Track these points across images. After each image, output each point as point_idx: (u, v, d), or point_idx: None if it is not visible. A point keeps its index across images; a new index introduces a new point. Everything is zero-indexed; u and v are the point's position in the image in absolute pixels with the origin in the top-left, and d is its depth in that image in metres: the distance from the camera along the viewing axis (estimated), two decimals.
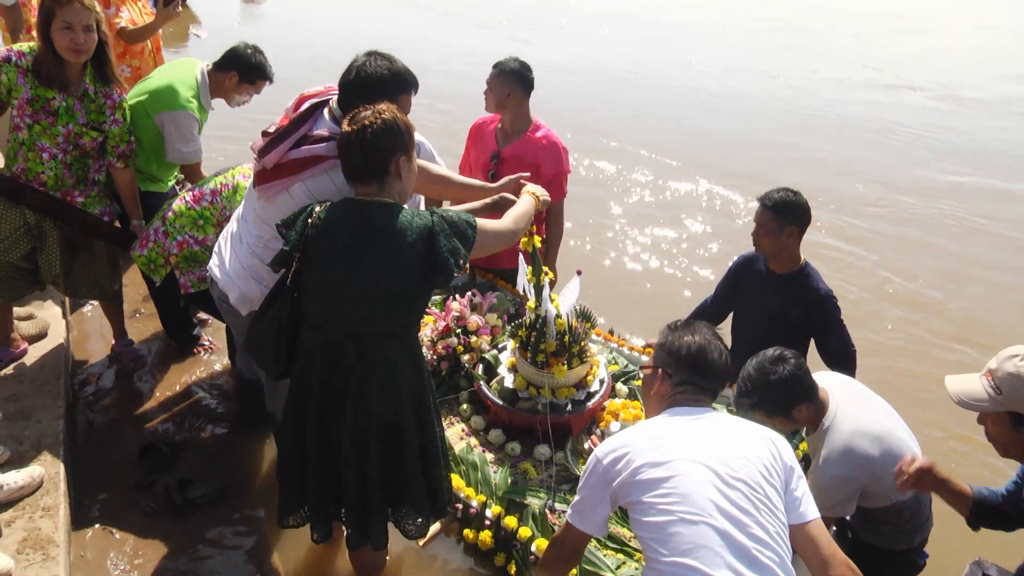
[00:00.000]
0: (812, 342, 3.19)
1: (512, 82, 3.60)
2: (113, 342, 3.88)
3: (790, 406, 2.41)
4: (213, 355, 3.97)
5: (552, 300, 3.01)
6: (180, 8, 4.40)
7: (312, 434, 2.33)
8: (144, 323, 4.20)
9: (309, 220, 2.21)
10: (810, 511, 1.88)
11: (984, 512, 2.27)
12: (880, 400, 2.58)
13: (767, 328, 3.13)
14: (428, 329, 3.46)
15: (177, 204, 3.29)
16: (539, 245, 2.97)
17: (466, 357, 3.38)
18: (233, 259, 2.69)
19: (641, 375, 2.20)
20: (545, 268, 3.03)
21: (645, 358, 3.53)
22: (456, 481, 2.85)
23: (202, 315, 4.10)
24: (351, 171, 2.22)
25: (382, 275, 2.16)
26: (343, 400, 2.25)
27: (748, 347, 2.83)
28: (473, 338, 3.43)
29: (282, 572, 2.80)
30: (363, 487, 2.33)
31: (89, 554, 2.79)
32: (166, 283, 3.43)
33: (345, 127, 2.19)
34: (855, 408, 2.45)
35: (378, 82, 2.42)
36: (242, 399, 3.54)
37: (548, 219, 3.88)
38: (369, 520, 2.38)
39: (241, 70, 3.56)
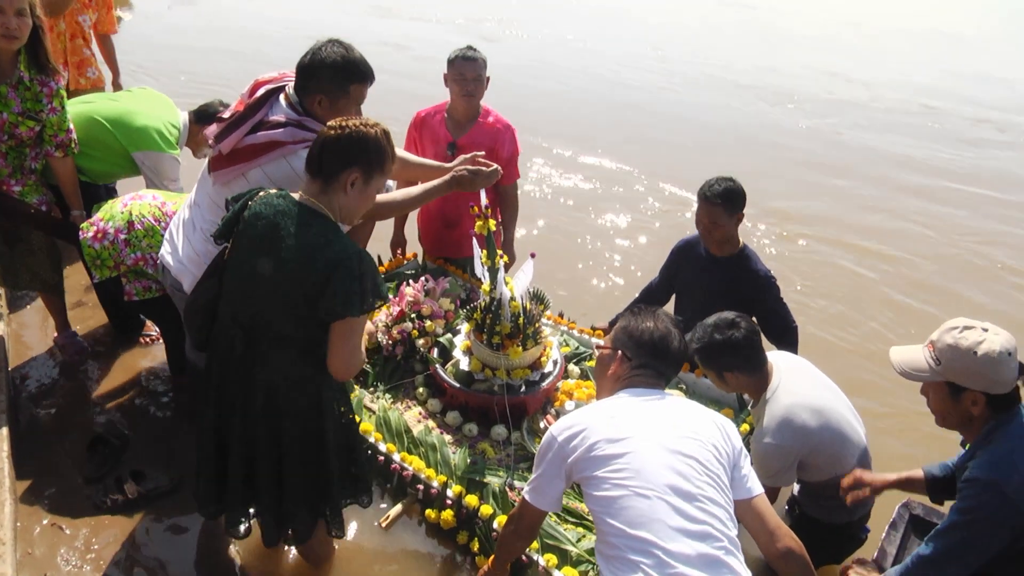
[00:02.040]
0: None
1: (485, 69, 3.68)
2: (55, 334, 3.80)
3: (724, 368, 2.58)
4: (159, 344, 3.91)
5: (507, 283, 3.07)
6: None
7: (208, 422, 2.34)
8: (87, 314, 4.11)
9: (250, 201, 2.20)
10: (756, 487, 2.00)
11: (939, 487, 2.43)
12: (824, 377, 2.70)
13: (709, 309, 3.21)
14: (383, 315, 3.50)
15: (149, 220, 3.15)
16: (493, 228, 3.03)
17: (421, 341, 3.44)
18: (186, 246, 2.68)
19: (596, 355, 2.27)
20: (500, 251, 3.10)
21: (596, 340, 3.64)
22: (416, 462, 2.91)
23: None
24: (308, 161, 2.17)
25: (274, 275, 2.10)
26: (236, 394, 2.25)
27: (690, 327, 2.92)
28: (428, 323, 3.48)
29: (239, 562, 2.81)
30: (250, 482, 2.33)
31: (38, 550, 2.75)
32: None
33: (329, 124, 2.16)
34: (797, 382, 2.58)
35: (331, 67, 2.43)
36: (193, 388, 3.51)
37: (503, 202, 3.96)
38: (245, 511, 2.40)
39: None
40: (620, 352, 2.12)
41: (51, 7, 4.11)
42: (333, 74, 2.44)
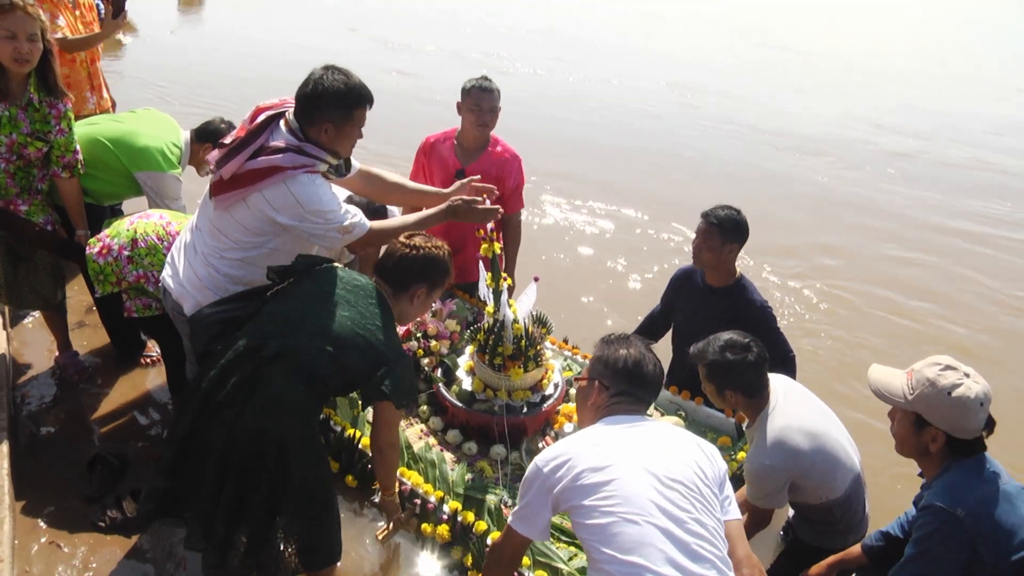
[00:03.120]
0: None
1: (499, 99, 3.74)
2: (57, 353, 3.81)
3: (727, 386, 2.59)
4: (160, 365, 3.92)
5: (510, 305, 3.12)
6: (127, 19, 4.35)
7: (181, 423, 2.33)
8: (89, 334, 4.13)
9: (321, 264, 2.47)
10: (734, 512, 2.01)
11: (879, 554, 2.46)
12: (819, 402, 2.72)
13: (705, 334, 3.25)
14: None
15: (153, 239, 3.16)
16: (499, 251, 3.10)
17: (425, 360, 3.48)
18: (187, 269, 2.70)
19: (576, 387, 2.29)
20: (504, 274, 3.15)
21: None
22: (414, 477, 2.94)
23: None
24: (382, 269, 2.53)
25: (339, 318, 2.32)
26: (225, 408, 2.25)
27: (683, 351, 3.10)
28: (433, 342, 3.53)
29: None
30: (215, 500, 2.27)
31: (36, 568, 2.74)
32: (112, 294, 3.38)
33: (403, 241, 2.52)
34: (792, 405, 2.60)
35: (334, 95, 2.48)
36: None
37: (507, 230, 3.99)
38: (215, 530, 2.30)
39: (216, 143, 3.52)
40: (597, 382, 2.15)
41: (70, 47, 4.19)
42: (337, 102, 2.49)
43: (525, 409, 3.20)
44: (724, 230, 3.20)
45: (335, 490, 2.48)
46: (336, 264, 2.50)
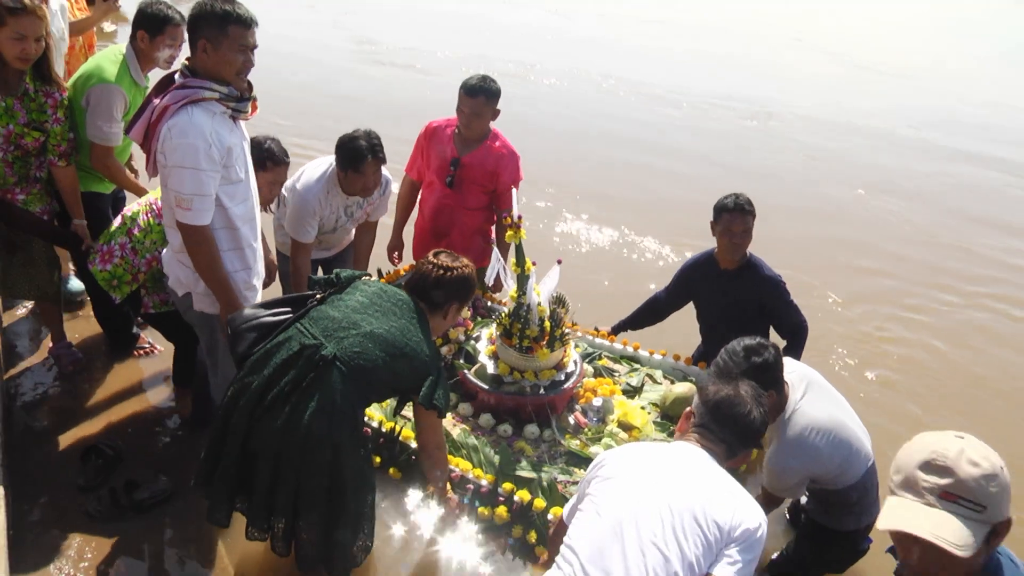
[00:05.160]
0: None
1: (496, 101, 3.78)
2: (50, 344, 3.80)
3: (765, 388, 2.52)
4: (154, 356, 3.92)
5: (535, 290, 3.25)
6: (119, 3, 4.33)
7: (237, 425, 2.37)
8: (82, 325, 4.10)
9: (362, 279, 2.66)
10: (725, 571, 1.86)
11: None
12: (834, 393, 2.76)
13: (728, 315, 3.52)
14: None
15: (143, 219, 3.16)
16: (524, 238, 3.23)
17: (444, 349, 3.56)
18: (168, 246, 2.82)
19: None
20: (528, 260, 3.26)
21: (601, 340, 3.88)
22: (462, 464, 3.03)
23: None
24: (417, 289, 2.65)
25: (388, 327, 2.44)
26: (281, 407, 2.30)
27: (711, 331, 3.69)
28: (451, 331, 3.58)
29: (232, 572, 2.81)
30: (271, 494, 2.37)
31: (31, 559, 2.73)
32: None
33: (435, 262, 2.66)
34: (810, 404, 2.62)
35: (208, 14, 2.51)
36: (197, 398, 3.48)
37: (502, 227, 3.98)
38: (271, 524, 2.43)
39: (145, 26, 3.37)
40: (690, 409, 2.21)
41: (74, 28, 4.18)
42: (210, 19, 2.49)
43: (552, 387, 3.33)
44: (753, 211, 3.39)
45: (373, 498, 2.54)
46: (374, 278, 2.59)
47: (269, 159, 3.28)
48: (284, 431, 2.28)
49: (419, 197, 4.18)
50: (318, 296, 2.58)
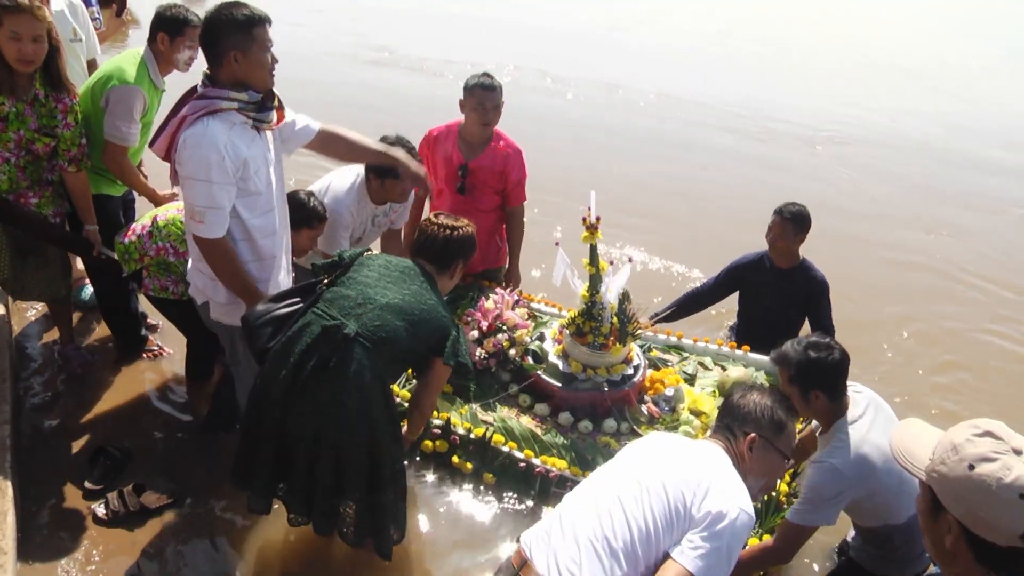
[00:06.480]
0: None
1: (502, 96, 3.80)
2: (59, 346, 3.82)
3: (812, 386, 2.51)
4: (162, 358, 3.94)
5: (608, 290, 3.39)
6: (129, 17, 4.37)
7: (270, 416, 2.44)
8: (92, 327, 4.13)
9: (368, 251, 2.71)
10: (683, 560, 1.86)
11: None
12: (895, 418, 2.61)
13: (778, 310, 3.90)
14: (475, 332, 3.66)
15: (174, 213, 3.22)
16: (601, 238, 3.35)
17: (512, 351, 3.64)
18: (199, 276, 2.82)
19: None
20: (601, 262, 3.37)
21: (648, 333, 4.00)
22: (558, 463, 3.20)
23: (151, 320, 4.08)
24: (426, 251, 2.71)
25: (402, 296, 2.51)
26: (313, 389, 2.37)
27: (753, 323, 4.06)
28: (517, 332, 3.65)
29: (238, 575, 2.82)
30: (311, 475, 2.47)
31: (38, 561, 2.76)
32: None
33: (438, 223, 2.73)
34: (872, 422, 2.52)
35: (228, 22, 2.48)
36: (217, 398, 3.49)
37: (511, 222, 4.09)
38: (312, 506, 2.55)
39: (165, 29, 3.40)
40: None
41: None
42: (233, 27, 2.46)
43: (625, 381, 3.47)
44: (794, 224, 3.74)
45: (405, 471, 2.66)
46: (375, 252, 2.64)
47: (316, 219, 3.33)
48: (320, 411, 2.36)
49: (428, 207, 4.19)
50: (326, 280, 2.63)
